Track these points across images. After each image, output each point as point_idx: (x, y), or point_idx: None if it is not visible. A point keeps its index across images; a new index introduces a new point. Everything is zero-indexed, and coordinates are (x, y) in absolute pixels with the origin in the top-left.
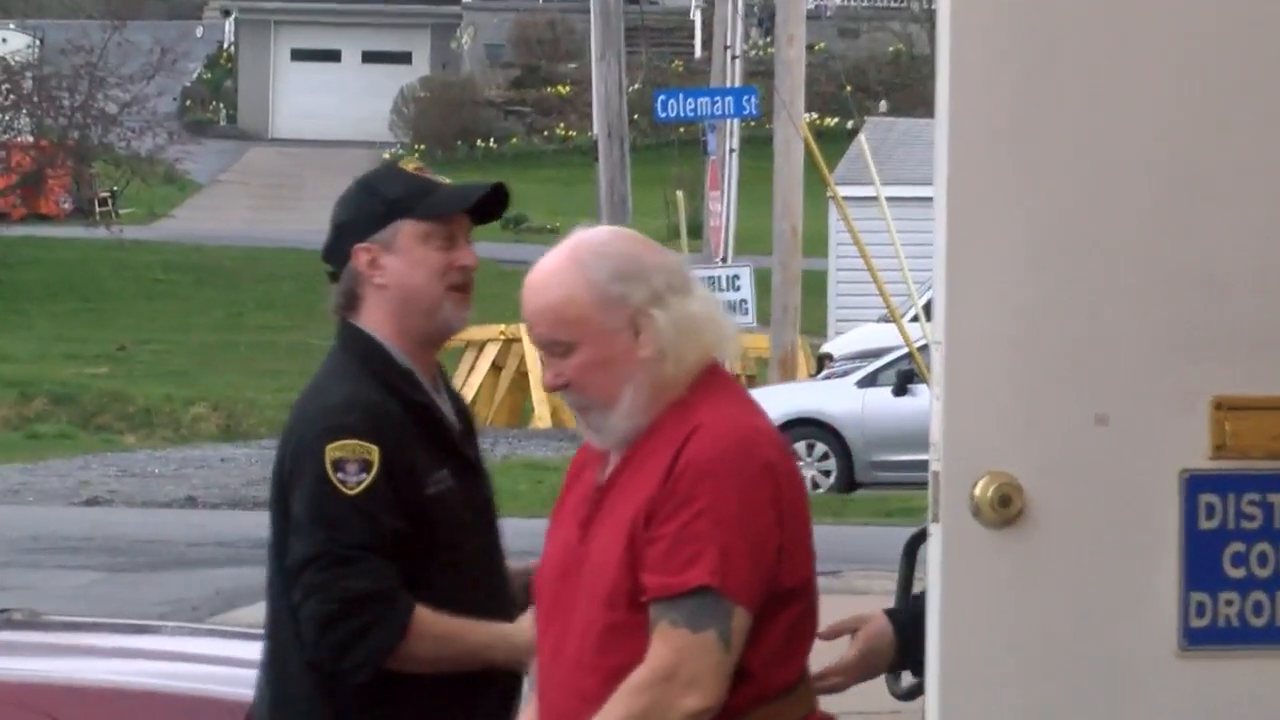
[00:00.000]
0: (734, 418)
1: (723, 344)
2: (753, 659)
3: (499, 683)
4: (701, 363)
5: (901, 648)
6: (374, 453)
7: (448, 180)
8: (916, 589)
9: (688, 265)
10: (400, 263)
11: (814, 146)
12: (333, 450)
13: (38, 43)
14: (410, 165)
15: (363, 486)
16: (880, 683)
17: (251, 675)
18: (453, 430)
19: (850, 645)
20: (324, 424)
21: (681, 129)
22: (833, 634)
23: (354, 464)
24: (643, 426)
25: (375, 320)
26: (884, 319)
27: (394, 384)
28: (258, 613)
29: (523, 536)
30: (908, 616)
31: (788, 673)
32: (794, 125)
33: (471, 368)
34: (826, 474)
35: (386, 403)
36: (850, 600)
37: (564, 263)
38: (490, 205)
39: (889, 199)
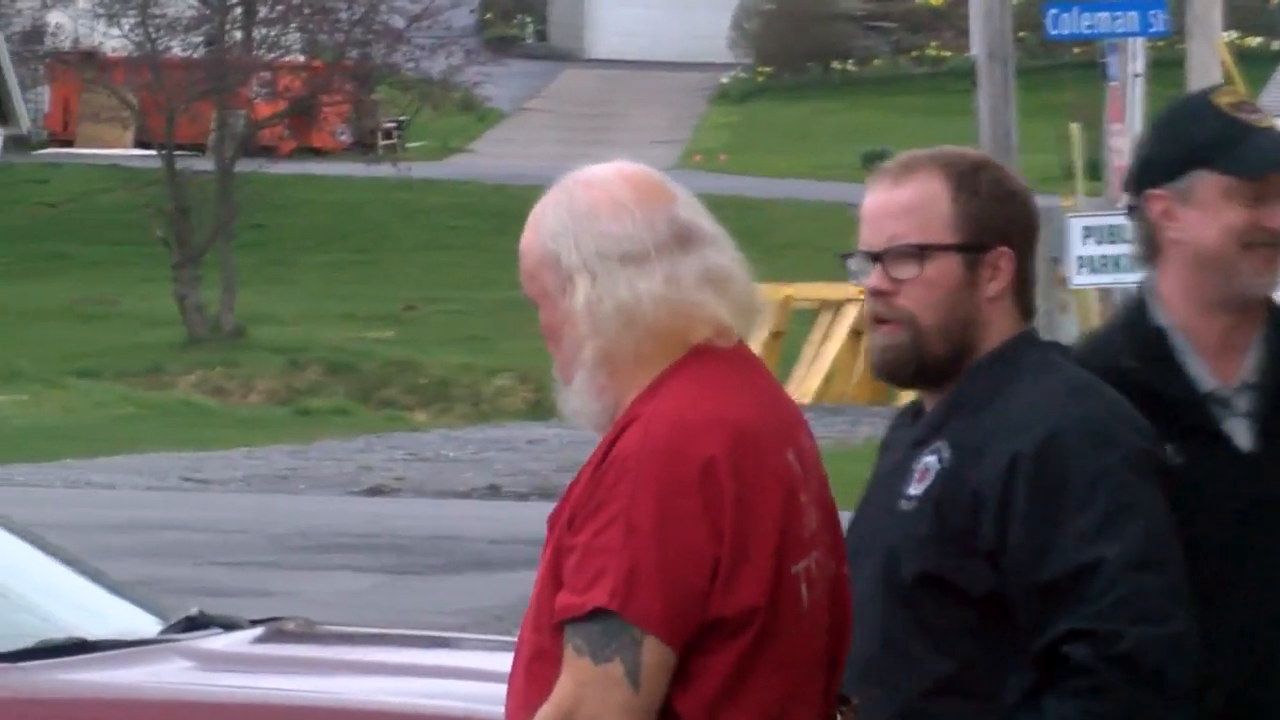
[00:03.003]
0: (684, 406)
1: (696, 328)
2: (683, 702)
3: None
4: (665, 349)
5: None
6: None
7: (1266, 122)
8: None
9: (667, 230)
10: (1196, 218)
11: (1234, 70)
12: None
13: None
14: (1226, 98)
15: None
16: None
17: None
18: (1209, 401)
19: None
20: None
21: (1076, 49)
22: None
23: None
24: (602, 410)
25: (1168, 276)
26: None
27: (1127, 345)
28: None
29: None
30: None
31: None
32: (1210, 45)
33: (826, 333)
34: None
35: (1117, 365)
36: None
37: (538, 205)
38: None
39: None
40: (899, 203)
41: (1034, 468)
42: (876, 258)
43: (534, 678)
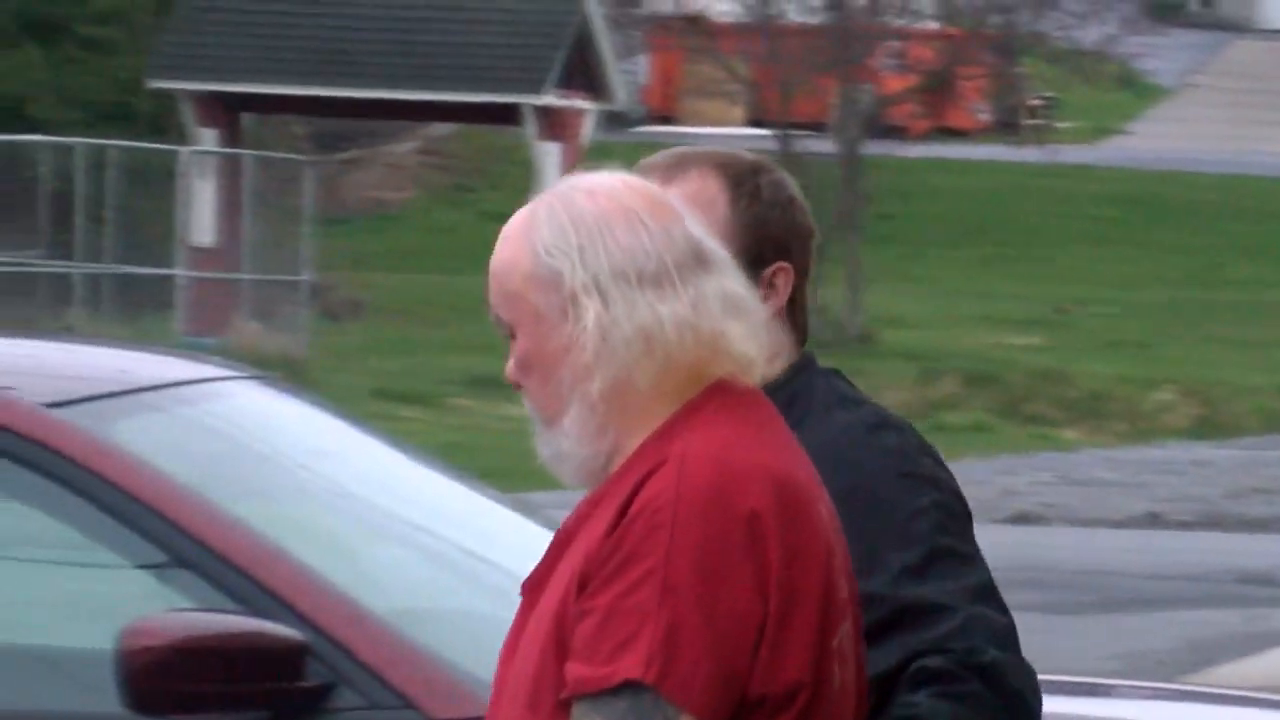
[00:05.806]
0: (721, 449)
1: (720, 360)
2: None
3: None
4: (681, 384)
5: None
6: None
7: None
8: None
9: (686, 246)
10: None
11: None
12: None
13: None
14: None
15: None
16: None
17: None
18: None
19: None
20: None
21: None
22: None
23: None
24: (596, 455)
25: None
26: None
27: None
28: (1244, 670)
29: None
30: None
31: None
32: None
33: None
34: None
35: None
36: None
37: (524, 215)
38: None
39: None
40: None
41: (845, 514)
42: None
43: None
